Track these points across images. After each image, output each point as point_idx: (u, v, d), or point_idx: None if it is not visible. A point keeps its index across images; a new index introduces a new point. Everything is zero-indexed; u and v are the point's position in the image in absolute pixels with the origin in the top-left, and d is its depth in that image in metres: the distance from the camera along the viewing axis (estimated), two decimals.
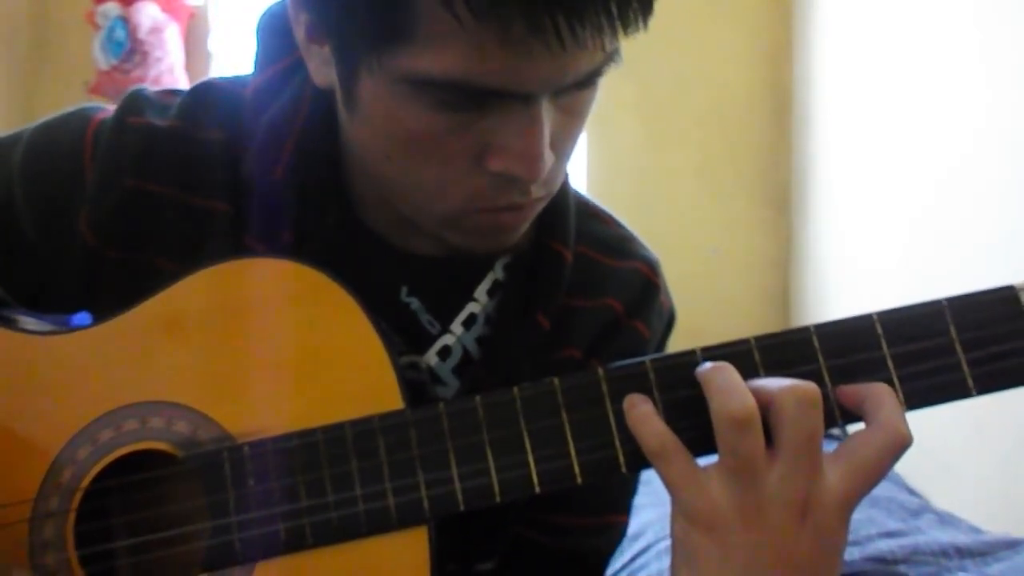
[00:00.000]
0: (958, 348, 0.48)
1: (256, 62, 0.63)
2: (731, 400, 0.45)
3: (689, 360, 0.49)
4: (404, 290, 0.62)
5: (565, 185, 0.65)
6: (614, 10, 0.45)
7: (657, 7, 0.49)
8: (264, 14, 0.63)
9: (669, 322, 0.70)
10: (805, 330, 0.49)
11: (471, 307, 0.63)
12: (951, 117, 1.81)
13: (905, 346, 0.48)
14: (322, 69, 0.54)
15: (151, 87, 0.65)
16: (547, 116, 0.49)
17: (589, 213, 0.68)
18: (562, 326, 0.63)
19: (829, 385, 0.48)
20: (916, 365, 0.49)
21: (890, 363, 0.49)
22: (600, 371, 0.50)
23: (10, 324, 0.59)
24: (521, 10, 0.43)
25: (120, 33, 2.51)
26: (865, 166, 2.20)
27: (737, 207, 2.65)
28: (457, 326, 0.62)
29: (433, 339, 0.62)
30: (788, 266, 2.64)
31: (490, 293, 0.63)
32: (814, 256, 2.51)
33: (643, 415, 0.48)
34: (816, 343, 0.49)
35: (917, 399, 0.49)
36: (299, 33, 0.54)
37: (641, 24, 0.48)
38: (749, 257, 2.66)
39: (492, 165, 0.50)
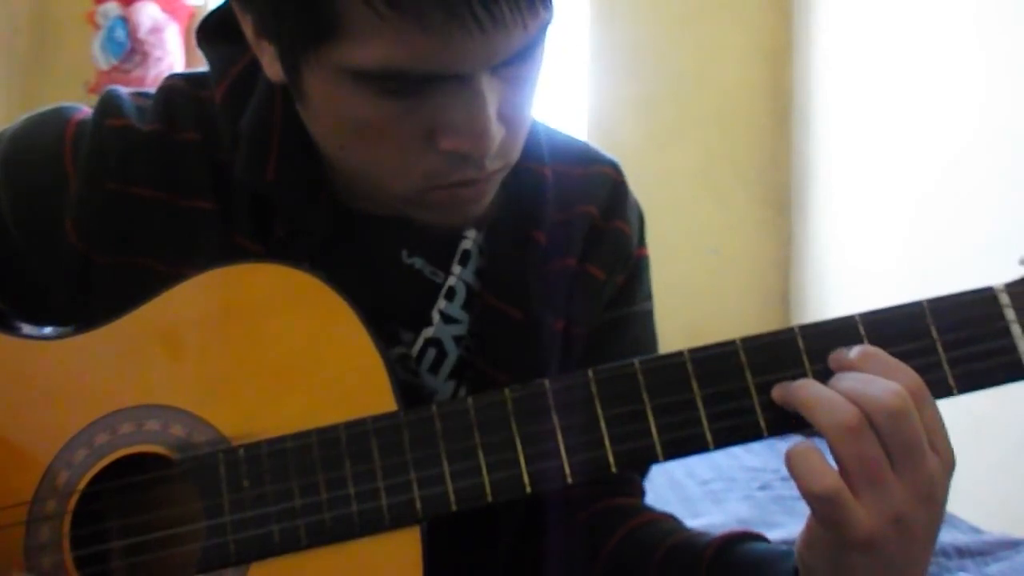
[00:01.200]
0: (939, 348, 0.49)
1: (213, 69, 0.63)
2: (838, 410, 0.45)
3: (676, 362, 0.50)
4: (404, 253, 0.63)
5: None
6: None
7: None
8: (201, 27, 0.64)
9: (641, 218, 0.72)
10: (789, 331, 0.50)
11: (463, 244, 0.64)
12: (950, 117, 1.81)
13: (887, 347, 0.48)
14: (273, 65, 0.54)
15: (125, 88, 0.65)
16: (490, 90, 0.49)
17: (545, 128, 0.69)
18: (552, 239, 0.65)
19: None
20: None
21: None
22: (590, 372, 0.50)
23: (9, 330, 0.59)
24: None
25: (120, 33, 2.51)
26: (865, 166, 2.20)
27: (737, 207, 2.65)
28: (455, 266, 0.64)
29: (440, 288, 0.63)
30: (788, 266, 2.64)
31: (477, 226, 0.64)
32: (814, 256, 2.51)
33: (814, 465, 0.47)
34: (801, 344, 0.49)
35: None
36: (248, 33, 0.55)
37: None
38: (749, 257, 2.66)
39: (442, 144, 0.51)
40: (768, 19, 2.63)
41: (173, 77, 0.65)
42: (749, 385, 0.49)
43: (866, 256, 2.18)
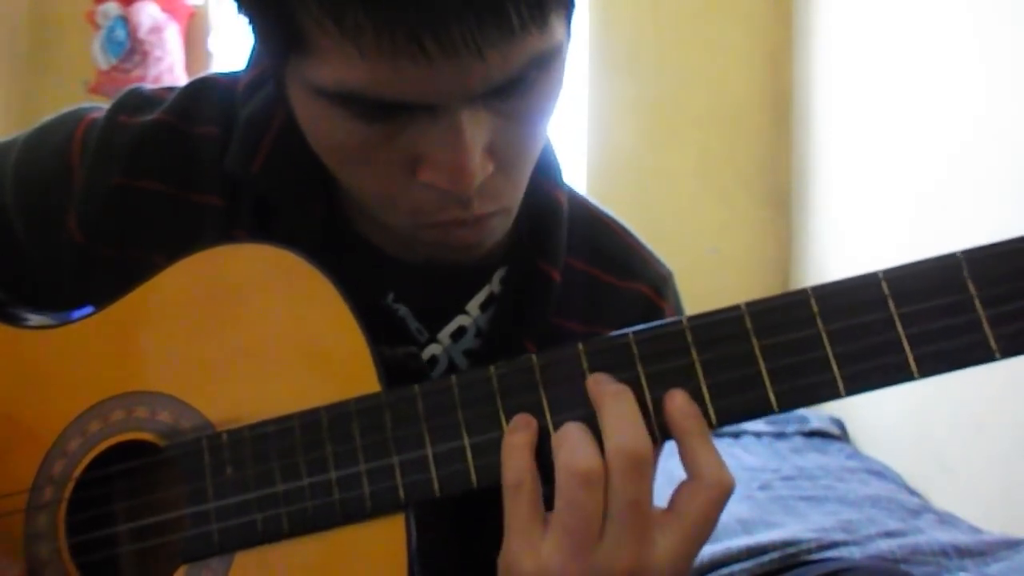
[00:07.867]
0: (977, 305, 0.42)
1: (249, 57, 0.62)
2: (576, 454, 0.42)
3: (674, 329, 0.45)
4: (391, 296, 0.61)
5: (555, 197, 0.62)
6: (487, 16, 0.39)
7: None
8: None
9: None
10: (802, 292, 0.44)
11: (461, 319, 0.61)
12: (950, 117, 1.81)
13: (915, 305, 0.43)
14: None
15: (150, 86, 0.65)
16: (473, 123, 0.44)
17: (598, 223, 0.65)
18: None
19: (833, 362, 0.43)
20: (928, 326, 0.43)
21: (898, 325, 0.43)
22: (580, 345, 0.46)
23: (8, 319, 0.60)
24: (369, 18, 0.39)
25: (120, 33, 2.51)
26: (865, 166, 2.20)
27: (737, 207, 2.65)
28: (445, 337, 0.61)
29: (421, 347, 0.61)
30: (788, 266, 2.64)
31: (483, 307, 0.61)
32: (814, 256, 2.51)
33: (519, 444, 0.45)
34: (814, 306, 0.44)
35: (930, 365, 0.43)
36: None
37: (533, 29, 0.41)
38: (749, 257, 2.66)
39: (420, 176, 0.47)
40: (768, 19, 2.63)
41: (215, 72, 0.63)
42: (755, 351, 0.44)
43: (866, 256, 2.17)
